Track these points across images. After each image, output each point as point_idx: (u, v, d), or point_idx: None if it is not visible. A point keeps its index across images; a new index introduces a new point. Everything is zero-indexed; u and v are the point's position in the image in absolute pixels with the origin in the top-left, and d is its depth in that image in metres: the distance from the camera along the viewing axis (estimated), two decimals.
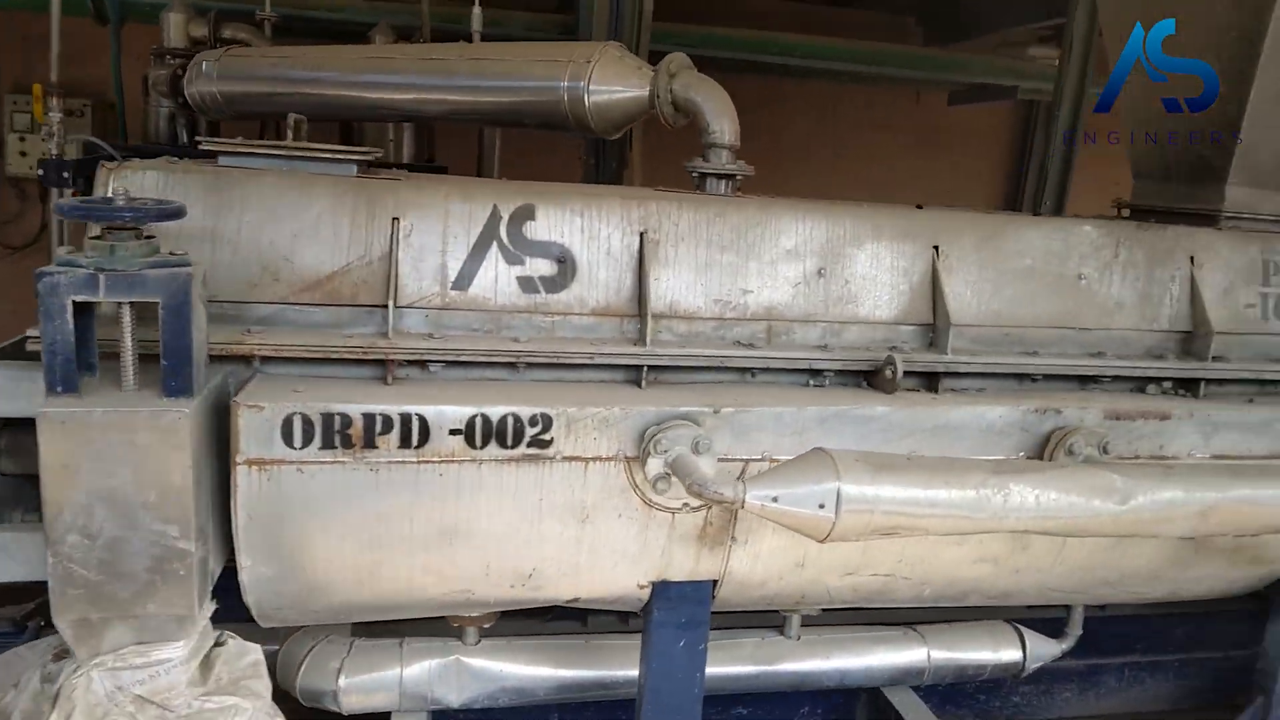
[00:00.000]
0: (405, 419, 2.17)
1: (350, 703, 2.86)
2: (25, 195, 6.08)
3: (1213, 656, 4.07)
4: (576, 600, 2.53)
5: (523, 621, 3.01)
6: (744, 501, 2.03)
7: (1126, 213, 3.33)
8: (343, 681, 2.83)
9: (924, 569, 2.64)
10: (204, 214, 2.27)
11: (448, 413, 2.19)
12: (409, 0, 4.66)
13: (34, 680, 2.18)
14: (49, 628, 2.30)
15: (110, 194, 2.09)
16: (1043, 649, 3.32)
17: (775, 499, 2.02)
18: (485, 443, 2.22)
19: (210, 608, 2.23)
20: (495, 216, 2.40)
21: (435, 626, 2.85)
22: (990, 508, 2.05)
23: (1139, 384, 2.77)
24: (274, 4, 4.49)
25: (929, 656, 3.23)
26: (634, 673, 2.82)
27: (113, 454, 1.96)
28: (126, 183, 2.23)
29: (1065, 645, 3.35)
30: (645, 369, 2.42)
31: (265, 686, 2.36)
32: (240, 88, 3.72)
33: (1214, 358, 2.80)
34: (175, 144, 4.33)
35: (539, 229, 2.43)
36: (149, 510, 2.00)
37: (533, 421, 2.23)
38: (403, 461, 2.19)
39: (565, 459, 2.27)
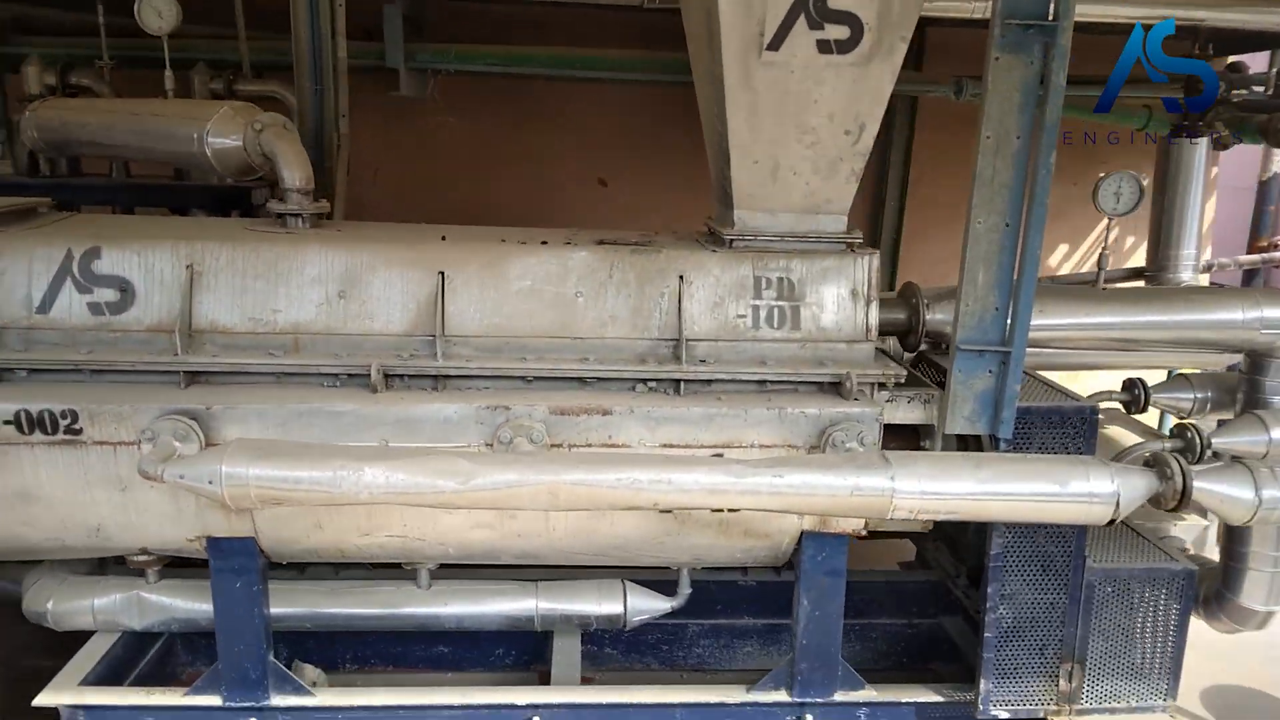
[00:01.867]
0: None
1: (59, 623, 3.68)
2: None
3: (895, 622, 4.48)
4: (146, 550, 3.29)
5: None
6: (162, 477, 2.73)
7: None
8: (50, 606, 3.66)
9: (432, 532, 3.27)
10: None
11: (1, 408, 2.98)
12: (230, 39, 5.41)
13: None
14: None
15: None
16: (645, 604, 3.79)
17: (182, 476, 2.72)
18: (32, 430, 3.00)
19: None
20: (68, 257, 3.16)
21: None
22: (344, 485, 2.68)
23: (630, 383, 3.28)
24: (114, 46, 5.29)
25: (537, 606, 3.79)
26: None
27: None
28: None
29: (675, 603, 3.82)
30: (182, 374, 3.13)
31: None
32: (48, 136, 4.58)
33: (702, 361, 3.28)
34: (35, 176, 5.23)
35: (104, 265, 3.17)
36: None
37: (63, 415, 3.00)
38: None
39: (96, 443, 3.03)
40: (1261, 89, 5.89)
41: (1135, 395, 3.98)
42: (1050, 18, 2.87)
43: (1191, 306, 3.77)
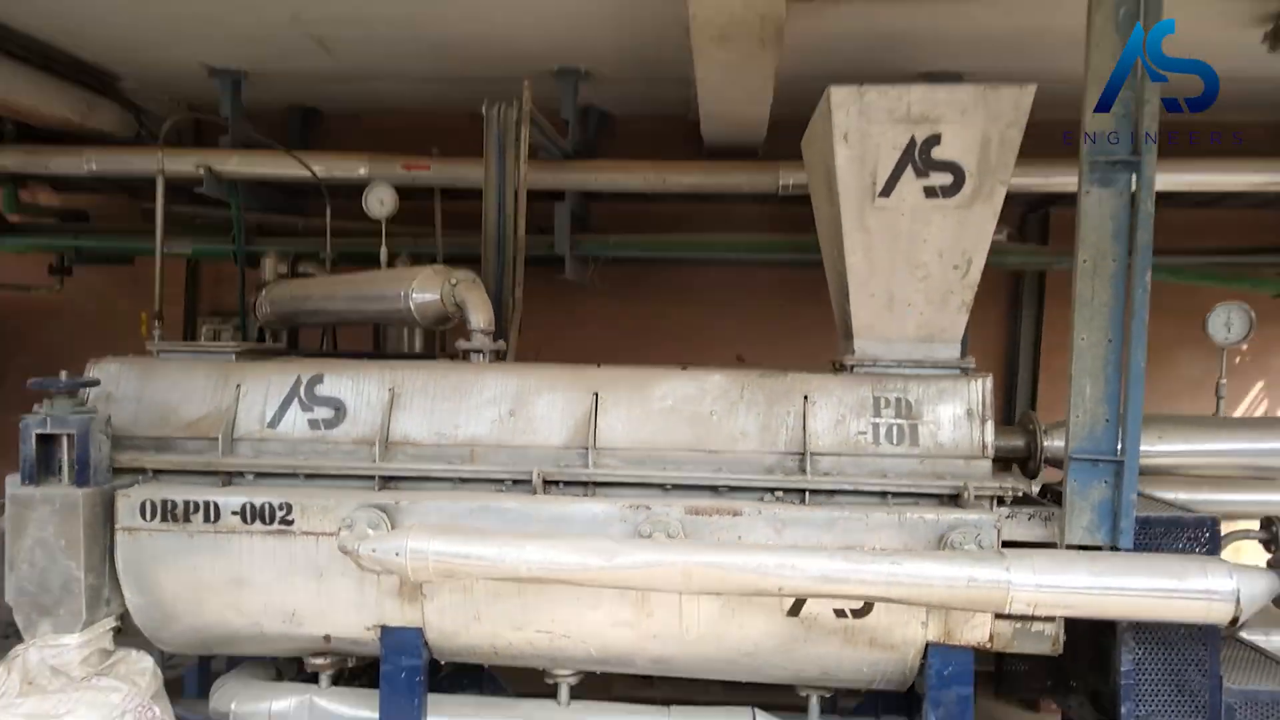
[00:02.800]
0: (206, 504, 3.60)
1: None
2: None
3: None
4: (330, 638, 3.73)
5: None
6: (359, 552, 3.21)
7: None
8: (234, 707, 4.09)
9: (577, 629, 3.58)
10: (137, 384, 3.92)
11: (231, 501, 3.60)
12: (428, 237, 6.43)
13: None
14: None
15: (65, 374, 3.73)
16: None
17: (374, 550, 3.19)
18: (253, 520, 3.58)
19: (109, 624, 3.70)
20: (298, 382, 3.85)
21: None
22: (507, 560, 3.08)
23: (759, 493, 3.59)
24: (335, 244, 6.36)
25: None
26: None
27: (44, 517, 3.55)
28: (101, 369, 3.94)
29: None
30: (378, 478, 3.69)
31: (148, 684, 3.75)
32: (277, 309, 5.53)
33: (826, 474, 3.57)
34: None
35: (324, 389, 3.84)
36: (61, 551, 3.54)
37: (280, 507, 3.57)
38: (204, 531, 3.60)
39: (304, 533, 3.57)
40: None
41: (1274, 533, 3.91)
42: (1133, 154, 3.24)
43: None
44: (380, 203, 4.95)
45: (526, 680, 4.15)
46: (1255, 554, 3.81)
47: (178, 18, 4.99)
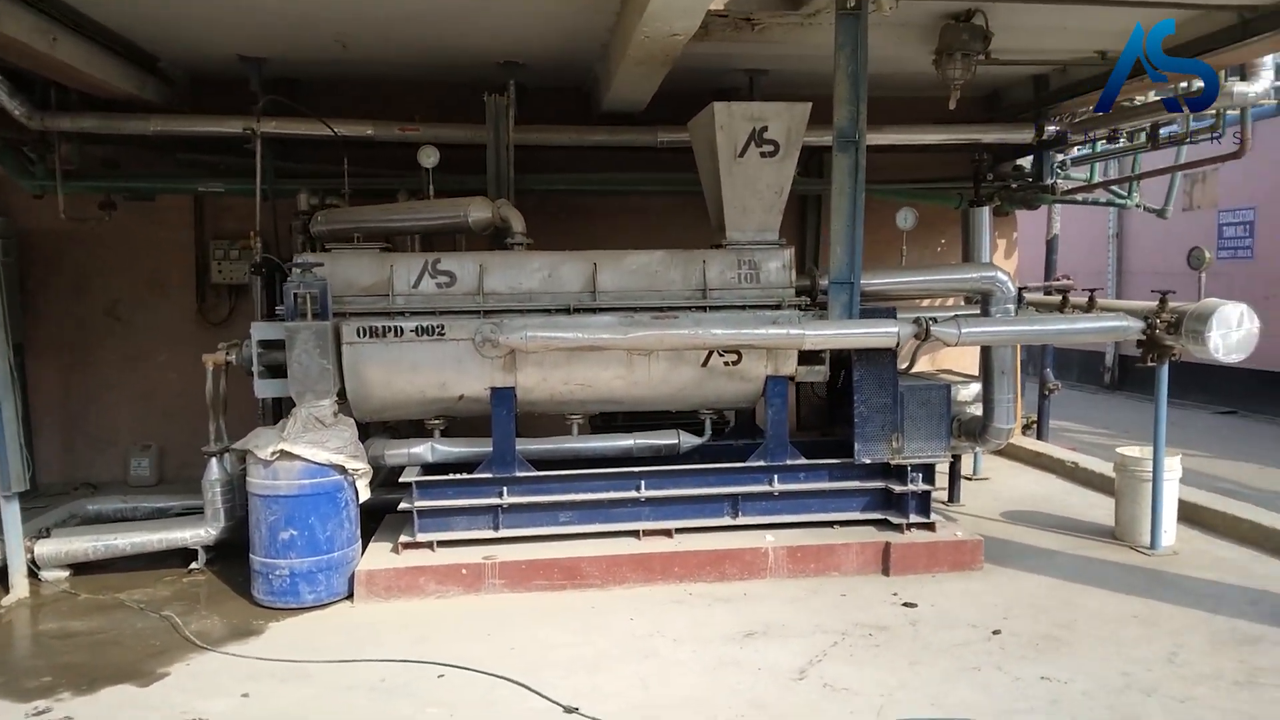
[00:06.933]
0: (395, 328, 6.68)
1: (388, 463, 7.19)
2: (219, 294, 10.81)
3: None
4: (463, 396, 6.92)
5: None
6: (498, 339, 6.44)
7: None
8: (385, 452, 7.18)
9: (595, 381, 6.97)
10: (329, 267, 6.84)
11: (409, 325, 6.70)
12: (416, 176, 9.30)
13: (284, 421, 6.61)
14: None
15: (304, 260, 6.63)
16: (688, 440, 7.42)
17: (507, 337, 6.43)
18: (422, 335, 6.70)
19: (335, 396, 6.70)
20: (426, 262, 6.92)
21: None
22: (573, 336, 6.40)
23: (685, 309, 7.06)
24: (351, 182, 9.13)
25: (634, 443, 7.39)
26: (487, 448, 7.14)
27: (307, 337, 6.47)
28: (301, 259, 6.82)
29: (703, 439, 7.48)
30: (482, 312, 6.86)
31: (355, 430, 6.78)
32: (332, 227, 8.34)
33: (716, 298, 7.09)
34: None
35: (444, 265, 6.94)
36: (318, 355, 6.49)
37: (437, 326, 6.71)
38: (394, 342, 6.69)
39: (451, 339, 6.73)
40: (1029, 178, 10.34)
41: (918, 319, 7.71)
42: (856, 137, 6.86)
43: (950, 270, 7.77)
44: (428, 157, 7.88)
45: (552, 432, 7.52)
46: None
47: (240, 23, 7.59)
